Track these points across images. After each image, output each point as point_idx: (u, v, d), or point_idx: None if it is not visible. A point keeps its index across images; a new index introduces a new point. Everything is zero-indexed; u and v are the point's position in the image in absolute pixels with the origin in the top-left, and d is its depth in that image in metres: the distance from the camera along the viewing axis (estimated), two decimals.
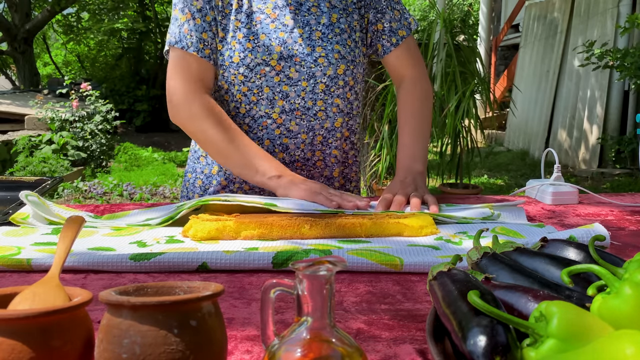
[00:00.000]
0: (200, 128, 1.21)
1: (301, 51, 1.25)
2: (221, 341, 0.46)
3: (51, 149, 6.38)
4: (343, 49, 1.27)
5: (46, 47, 16.54)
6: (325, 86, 1.27)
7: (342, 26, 1.29)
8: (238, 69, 1.23)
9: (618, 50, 4.65)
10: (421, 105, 1.37)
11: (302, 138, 1.29)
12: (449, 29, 4.16)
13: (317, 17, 1.27)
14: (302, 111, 1.27)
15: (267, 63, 1.23)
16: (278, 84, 1.25)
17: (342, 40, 1.28)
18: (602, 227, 0.92)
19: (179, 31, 1.23)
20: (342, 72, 1.28)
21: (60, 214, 1.08)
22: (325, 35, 1.27)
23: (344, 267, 0.45)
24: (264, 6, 1.26)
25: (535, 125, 7.22)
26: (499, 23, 10.25)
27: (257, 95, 1.25)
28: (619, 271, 0.51)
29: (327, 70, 1.26)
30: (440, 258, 0.84)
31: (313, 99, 1.27)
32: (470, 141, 4.26)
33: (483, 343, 0.44)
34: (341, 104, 1.31)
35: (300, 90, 1.26)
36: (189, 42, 1.22)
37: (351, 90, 1.32)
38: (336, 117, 1.31)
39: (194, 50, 1.22)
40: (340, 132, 1.33)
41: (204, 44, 1.23)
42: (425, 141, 1.35)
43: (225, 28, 1.25)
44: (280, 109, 1.26)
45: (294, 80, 1.25)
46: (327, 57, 1.26)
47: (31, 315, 0.42)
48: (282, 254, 0.83)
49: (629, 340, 0.40)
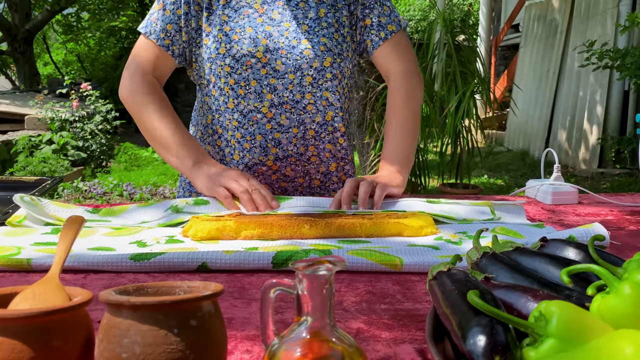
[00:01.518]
0: (138, 105, 1.26)
1: (287, 44, 1.26)
2: (221, 341, 0.46)
3: (51, 149, 6.38)
4: (329, 42, 1.28)
5: (46, 47, 16.54)
6: (313, 79, 1.27)
7: (330, 20, 1.29)
8: (224, 60, 1.25)
9: (618, 50, 4.65)
10: (404, 103, 1.34)
11: (293, 132, 1.29)
12: (449, 29, 4.16)
13: (305, 12, 1.28)
14: (292, 104, 1.28)
15: (253, 55, 1.25)
16: (265, 77, 1.26)
17: (328, 33, 1.28)
18: (601, 227, 0.92)
19: (148, 18, 1.30)
20: (329, 65, 1.28)
21: (57, 215, 1.07)
22: (312, 28, 1.28)
23: (343, 267, 0.45)
24: (253, 1, 1.28)
25: (535, 125, 7.22)
26: (499, 23, 10.25)
27: (244, 88, 1.26)
28: (618, 271, 0.51)
29: (313, 63, 1.26)
30: (440, 258, 0.84)
31: (301, 92, 1.28)
32: (470, 141, 4.26)
33: (483, 343, 0.44)
34: (331, 97, 1.30)
35: (288, 83, 1.26)
36: (152, 29, 1.28)
37: (340, 84, 1.32)
38: (327, 111, 1.31)
39: (155, 38, 1.27)
40: (332, 126, 1.33)
41: (165, 34, 1.27)
42: (408, 139, 1.32)
43: (213, 23, 1.27)
44: (270, 103, 1.27)
45: (281, 72, 1.26)
46: (312, 49, 1.26)
47: (31, 315, 0.42)
48: (282, 254, 0.83)
49: (629, 339, 0.40)
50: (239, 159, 1.30)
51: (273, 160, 1.30)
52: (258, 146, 1.28)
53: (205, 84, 1.31)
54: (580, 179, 5.73)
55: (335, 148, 1.35)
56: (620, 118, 6.02)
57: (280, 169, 1.31)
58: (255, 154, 1.28)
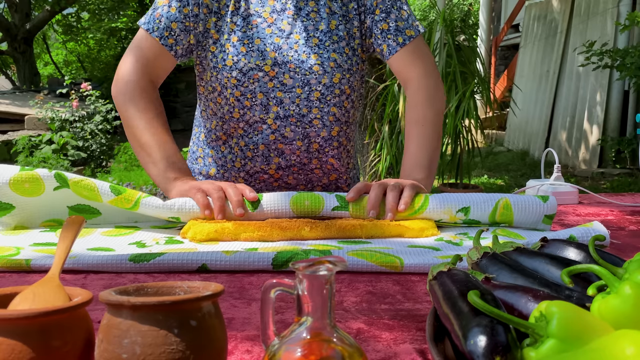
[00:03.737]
0: (128, 109, 1.18)
1: (296, 58, 1.22)
2: (221, 341, 0.46)
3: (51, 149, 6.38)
4: (340, 57, 1.24)
5: (46, 47, 16.53)
6: (321, 94, 1.24)
7: (341, 33, 1.25)
8: (231, 72, 1.21)
9: (618, 50, 4.65)
10: (425, 110, 1.26)
11: (297, 145, 1.26)
12: (449, 29, 4.16)
13: (316, 24, 1.24)
14: (297, 118, 1.24)
15: (261, 68, 1.21)
16: (272, 90, 1.22)
17: (339, 48, 1.24)
18: (601, 225, 0.92)
19: (151, 14, 1.22)
20: (337, 81, 1.24)
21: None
22: (323, 42, 1.23)
23: (344, 267, 0.45)
24: (262, 9, 1.23)
25: (535, 125, 7.22)
26: (499, 23, 10.24)
27: (250, 100, 1.23)
28: (619, 271, 0.51)
29: (322, 79, 1.22)
30: (440, 258, 0.84)
31: (308, 107, 1.24)
32: (470, 141, 4.26)
33: (483, 343, 0.44)
34: (337, 112, 1.27)
35: (295, 97, 1.23)
36: (156, 26, 1.20)
37: (348, 98, 1.28)
38: (333, 126, 1.27)
39: (158, 35, 1.20)
40: (338, 141, 1.30)
41: (169, 32, 1.20)
42: (431, 147, 1.24)
43: (220, 30, 1.22)
44: (275, 115, 1.23)
45: (288, 86, 1.22)
46: (322, 65, 1.22)
47: (31, 315, 0.42)
48: (281, 255, 0.83)
49: (629, 340, 0.40)
50: (240, 166, 1.29)
51: (275, 170, 1.28)
52: (260, 155, 1.26)
53: (211, 90, 1.27)
54: (580, 179, 5.73)
55: (339, 163, 1.33)
56: (620, 118, 6.01)
57: (283, 177, 1.29)
58: (257, 163, 1.27)
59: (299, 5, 1.24)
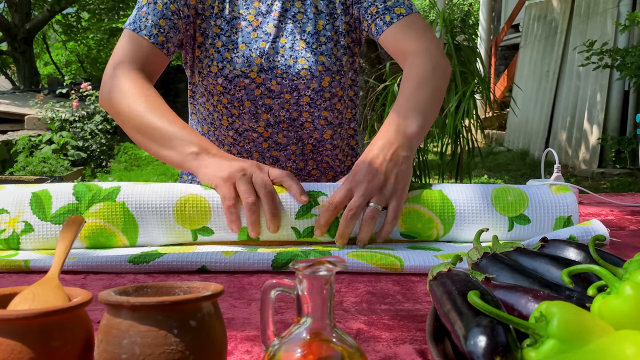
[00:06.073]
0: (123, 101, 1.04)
1: (283, 62, 1.17)
2: (221, 341, 0.46)
3: (51, 149, 6.38)
4: (328, 60, 1.18)
5: (46, 47, 16.54)
6: (310, 99, 1.20)
7: (329, 34, 1.19)
8: (216, 79, 1.16)
9: (618, 50, 4.65)
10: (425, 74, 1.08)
11: (291, 149, 1.24)
12: (449, 29, 4.16)
13: (302, 25, 1.18)
14: (288, 122, 1.21)
15: (247, 75, 1.16)
16: (260, 97, 1.18)
17: (327, 50, 1.18)
18: (600, 223, 0.92)
19: (136, 13, 1.13)
20: (327, 85, 1.19)
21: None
22: (310, 45, 1.18)
23: (344, 268, 0.45)
24: (247, 12, 1.18)
25: (535, 125, 7.22)
26: (499, 23, 10.25)
27: (238, 108, 1.19)
28: (619, 271, 0.51)
29: (310, 84, 1.18)
30: (441, 258, 0.84)
31: (298, 111, 1.20)
32: (470, 141, 4.26)
33: (483, 343, 0.44)
34: (329, 116, 1.23)
35: (284, 103, 1.19)
36: (143, 25, 1.11)
37: (340, 100, 1.24)
38: (325, 129, 1.24)
39: (146, 34, 1.10)
40: (331, 143, 1.27)
41: (158, 30, 1.11)
42: (425, 108, 1.03)
43: (205, 33, 1.17)
44: (266, 122, 1.21)
45: (276, 92, 1.18)
46: (310, 70, 1.17)
47: (31, 316, 0.42)
48: (281, 256, 0.83)
49: (630, 340, 0.40)
50: None
51: None
52: None
53: (199, 95, 1.24)
54: (580, 179, 5.73)
55: (334, 163, 1.32)
56: (620, 118, 6.01)
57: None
58: None
59: (285, 7, 1.19)
